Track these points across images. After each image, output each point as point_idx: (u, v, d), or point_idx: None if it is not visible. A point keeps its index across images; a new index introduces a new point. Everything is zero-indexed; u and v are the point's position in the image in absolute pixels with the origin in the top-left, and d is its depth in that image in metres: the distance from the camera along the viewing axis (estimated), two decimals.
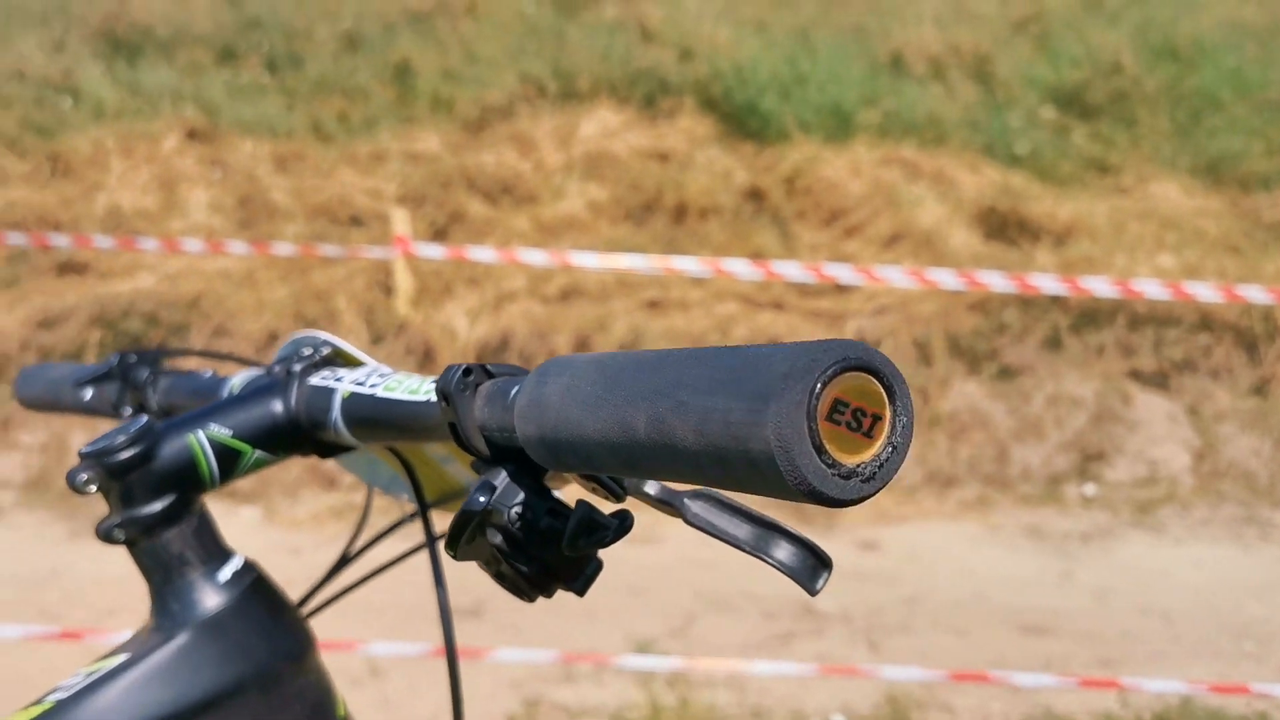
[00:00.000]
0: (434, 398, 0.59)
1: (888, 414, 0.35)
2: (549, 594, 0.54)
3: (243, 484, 4.93)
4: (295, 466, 5.03)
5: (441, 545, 0.57)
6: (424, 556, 0.80)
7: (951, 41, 7.63)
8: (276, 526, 4.62)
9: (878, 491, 0.35)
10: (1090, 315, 5.41)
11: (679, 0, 8.06)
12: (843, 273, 4.64)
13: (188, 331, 5.47)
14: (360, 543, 0.88)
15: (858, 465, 0.34)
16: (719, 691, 3.14)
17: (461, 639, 3.40)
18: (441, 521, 0.74)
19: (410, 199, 6.27)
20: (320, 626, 0.81)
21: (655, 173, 6.42)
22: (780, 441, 0.32)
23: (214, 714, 0.68)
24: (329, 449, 0.74)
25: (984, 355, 5.35)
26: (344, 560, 0.86)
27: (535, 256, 5.10)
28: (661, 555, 4.36)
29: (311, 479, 5.02)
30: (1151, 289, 4.43)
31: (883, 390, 0.35)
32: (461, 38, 7.70)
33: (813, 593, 0.52)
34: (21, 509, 4.91)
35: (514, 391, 0.50)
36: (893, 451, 0.35)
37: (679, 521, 0.55)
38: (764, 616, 3.77)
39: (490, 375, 0.54)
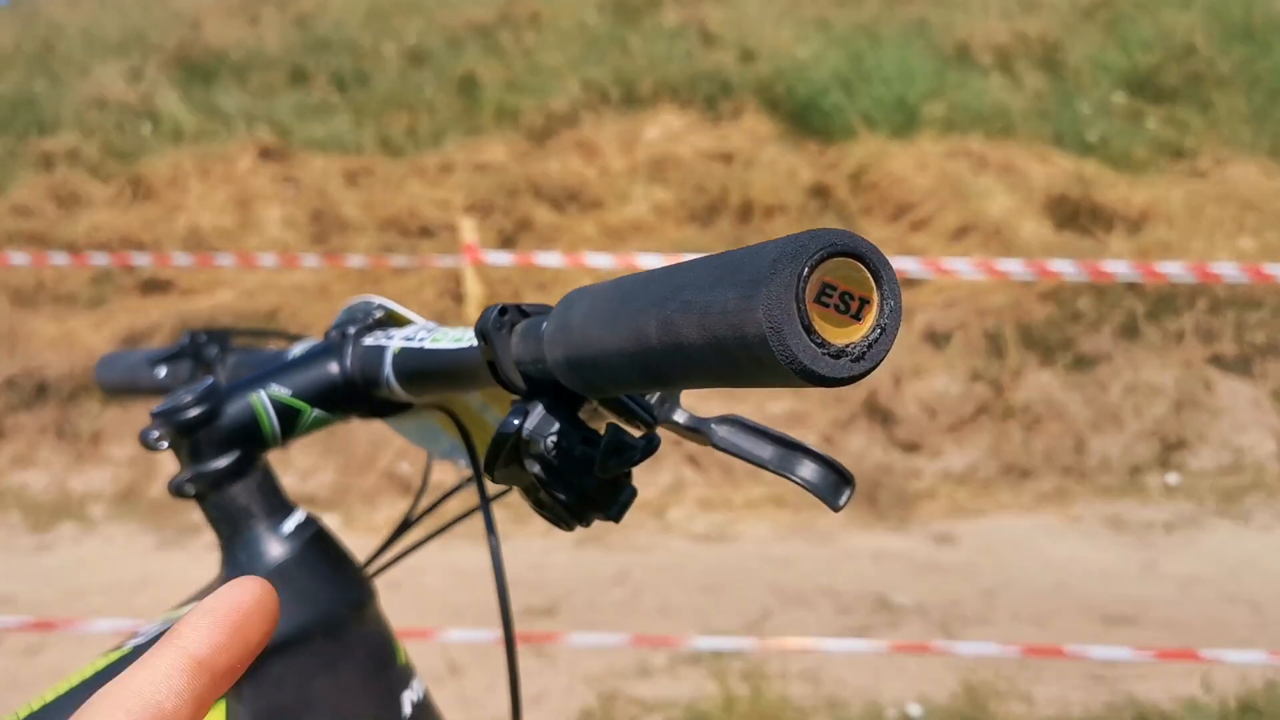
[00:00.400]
0: (475, 343, 0.61)
1: (875, 297, 0.37)
2: (586, 522, 0.56)
3: (322, 492, 5.04)
4: (373, 476, 5.13)
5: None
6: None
7: (1018, 30, 7.54)
8: (356, 532, 4.71)
9: (868, 372, 0.36)
10: (1168, 301, 5.31)
11: (739, 2, 8.07)
12: (909, 266, 4.61)
13: (265, 343, 5.60)
14: (421, 508, 0.91)
15: (847, 345, 0.36)
16: (793, 683, 3.14)
17: (538, 633, 3.43)
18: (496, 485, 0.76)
19: (478, 208, 6.35)
20: (396, 617, 0.84)
21: (719, 174, 6.44)
22: (771, 323, 0.34)
23: (281, 657, 0.71)
24: (384, 407, 0.77)
25: (1058, 345, 5.28)
26: (405, 524, 0.89)
27: (602, 260, 5.14)
28: (736, 553, 4.37)
29: (388, 487, 5.11)
30: (1230, 272, 4.32)
31: (869, 275, 0.36)
32: (525, 48, 7.79)
33: (836, 508, 0.53)
34: (113, 521, 5.07)
35: (544, 323, 0.52)
36: (881, 333, 0.37)
37: (753, 519, 0.57)
38: (839, 611, 3.75)
39: (525, 314, 0.56)
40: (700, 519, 4.67)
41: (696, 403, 5.10)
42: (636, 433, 0.56)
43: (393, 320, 0.79)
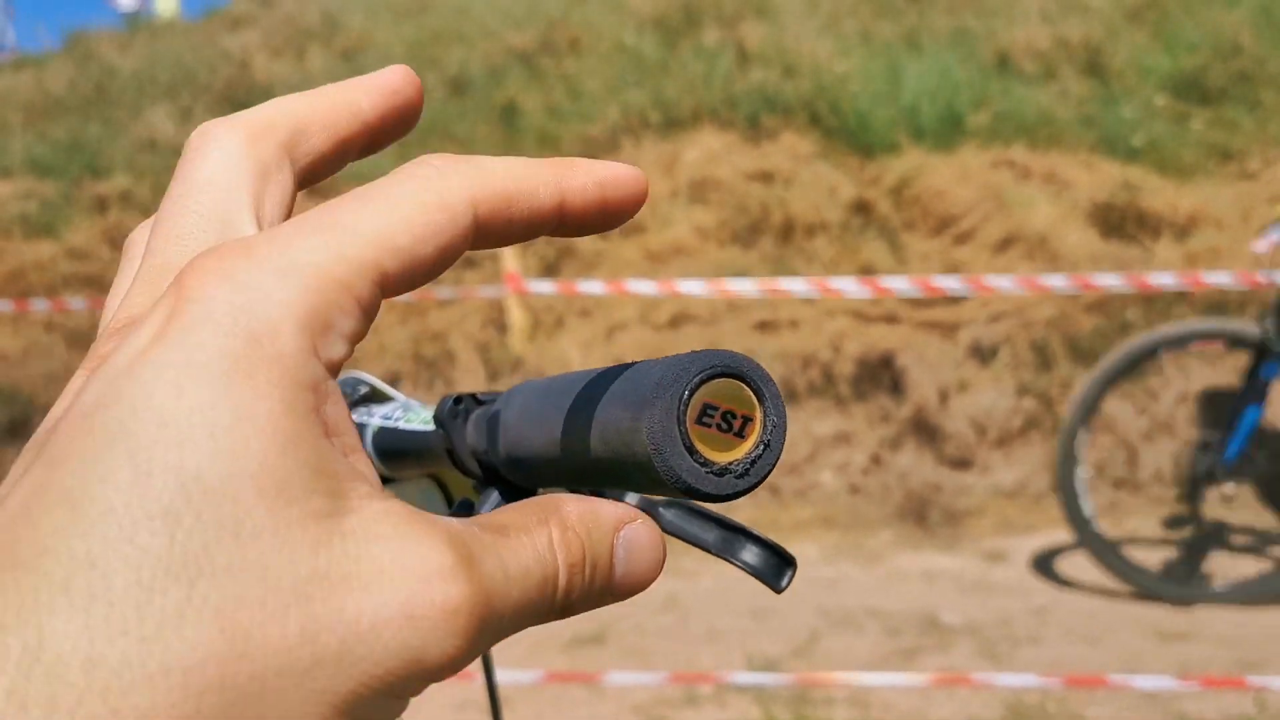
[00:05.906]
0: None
1: (758, 415, 0.37)
2: None
3: None
4: None
5: None
6: None
7: (1060, 36, 7.47)
8: None
9: (754, 487, 0.37)
10: (1219, 308, 5.21)
11: (779, 20, 8.08)
12: (952, 284, 4.58)
13: None
14: None
15: (730, 463, 0.37)
16: (839, 709, 3.12)
17: (584, 665, 3.45)
18: None
19: None
20: None
21: (760, 193, 6.43)
22: (655, 445, 0.35)
23: None
24: None
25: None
26: None
27: (644, 286, 5.16)
28: None
29: None
30: None
31: (751, 394, 0.37)
32: (565, 74, 7.85)
33: (778, 590, 0.54)
34: None
35: (488, 416, 0.53)
36: (765, 449, 0.37)
37: (801, 540, 0.58)
38: (888, 633, 3.72)
39: (480, 403, 0.57)
40: None
41: None
42: None
43: (375, 396, 0.80)
